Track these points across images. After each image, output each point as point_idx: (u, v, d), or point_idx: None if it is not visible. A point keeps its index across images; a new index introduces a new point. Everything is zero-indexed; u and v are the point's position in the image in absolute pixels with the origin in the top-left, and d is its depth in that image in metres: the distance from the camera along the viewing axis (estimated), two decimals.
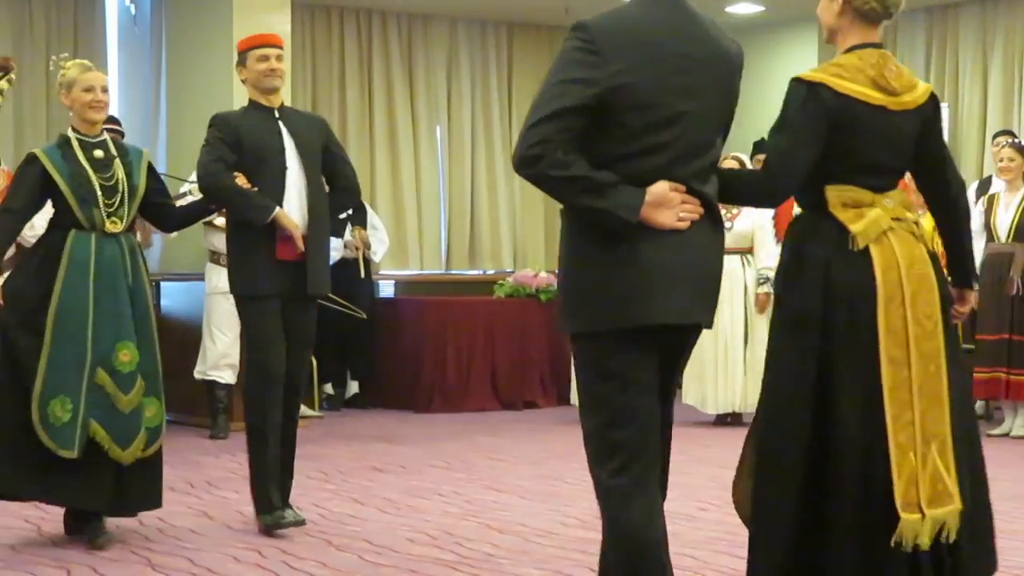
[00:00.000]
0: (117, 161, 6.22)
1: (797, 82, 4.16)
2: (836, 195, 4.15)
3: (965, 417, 4.25)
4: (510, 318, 11.49)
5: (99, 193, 6.10)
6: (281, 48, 6.62)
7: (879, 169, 4.20)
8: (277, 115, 6.56)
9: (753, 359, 9.87)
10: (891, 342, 4.07)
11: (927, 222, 4.61)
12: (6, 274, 6.58)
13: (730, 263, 10.04)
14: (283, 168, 6.45)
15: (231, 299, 9.18)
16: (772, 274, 9.88)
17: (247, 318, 6.52)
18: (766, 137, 11.53)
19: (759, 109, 14.32)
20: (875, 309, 4.07)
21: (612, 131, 3.72)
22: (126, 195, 6.19)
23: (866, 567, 4.05)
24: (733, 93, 3.96)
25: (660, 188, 3.73)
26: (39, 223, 8.56)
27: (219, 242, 9.22)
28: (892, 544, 4.00)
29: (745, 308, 10.02)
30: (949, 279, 4.34)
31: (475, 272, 13.64)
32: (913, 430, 4.06)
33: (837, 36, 4.30)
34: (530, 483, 7.73)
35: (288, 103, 10.89)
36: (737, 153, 10.34)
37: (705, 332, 4.04)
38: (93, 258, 6.07)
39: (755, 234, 10.10)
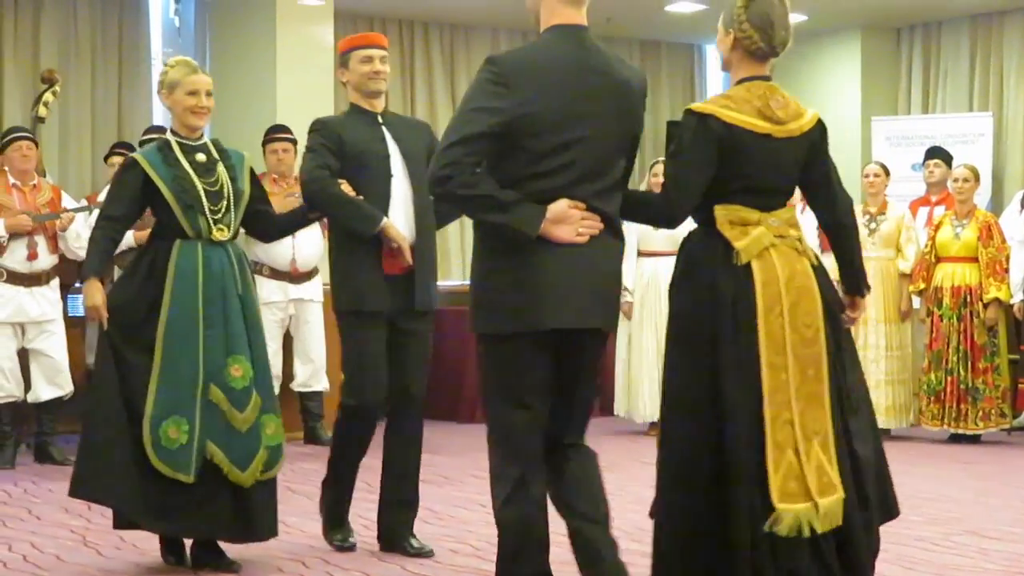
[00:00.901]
0: (220, 165, 5.86)
1: (689, 113, 4.52)
2: (724, 214, 4.51)
3: (853, 414, 4.61)
4: None
5: (204, 199, 5.73)
6: (386, 49, 6.25)
7: (764, 191, 4.56)
8: (381, 120, 6.20)
9: None
10: (770, 349, 4.43)
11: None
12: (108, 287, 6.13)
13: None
14: (388, 175, 6.07)
15: (272, 309, 9.31)
16: None
17: (348, 335, 6.09)
18: None
19: None
20: (756, 319, 4.42)
21: (517, 154, 4.20)
22: (232, 201, 5.82)
23: (770, 551, 4.35)
24: (634, 118, 4.43)
25: (559, 206, 4.21)
26: (85, 233, 8.67)
27: (262, 253, 9.26)
28: (773, 531, 4.32)
29: None
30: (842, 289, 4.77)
31: None
32: (792, 429, 4.41)
33: (730, 68, 4.68)
34: None
35: (331, 111, 11.05)
36: None
37: None
38: (201, 269, 5.70)
39: None
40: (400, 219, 6.00)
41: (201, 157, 5.83)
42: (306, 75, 10.90)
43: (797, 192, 4.76)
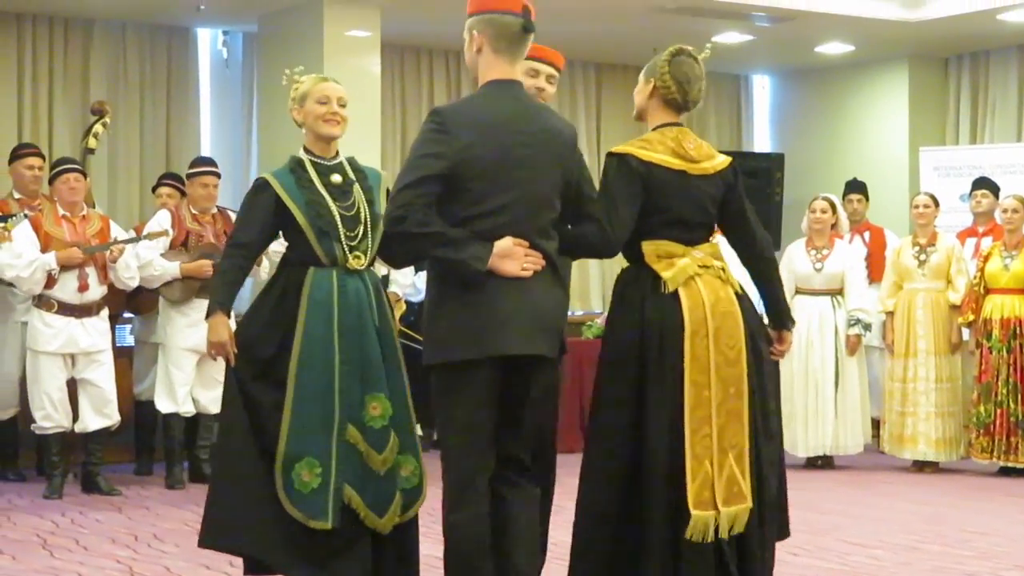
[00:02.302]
0: (357, 187, 5.45)
1: (610, 155, 4.97)
2: (651, 248, 4.93)
3: (769, 440, 4.96)
4: (595, 358, 11.42)
5: (340, 225, 5.33)
6: (557, 68, 5.62)
7: (685, 224, 4.97)
8: None
9: (844, 401, 9.80)
10: (695, 368, 4.81)
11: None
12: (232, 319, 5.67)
13: (820, 304, 10.00)
14: None
15: None
16: (864, 315, 9.84)
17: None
18: (857, 177, 11.49)
19: (851, 148, 14.28)
20: (683, 341, 4.81)
21: (461, 195, 4.53)
22: (369, 225, 5.39)
23: (676, 555, 4.75)
24: (565, 164, 4.73)
25: (505, 243, 4.53)
26: (133, 263, 8.71)
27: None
28: (688, 537, 4.72)
29: (836, 350, 9.90)
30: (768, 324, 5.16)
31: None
32: (710, 442, 4.80)
33: (646, 115, 5.14)
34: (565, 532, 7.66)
35: (378, 143, 11.08)
36: (828, 195, 10.26)
37: (796, 374, 4.68)
38: (336, 299, 5.29)
39: (845, 275, 10.02)
40: None
41: (336, 178, 5.45)
42: (353, 106, 10.84)
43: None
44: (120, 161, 11.62)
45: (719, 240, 5.18)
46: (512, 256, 4.54)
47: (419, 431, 11.32)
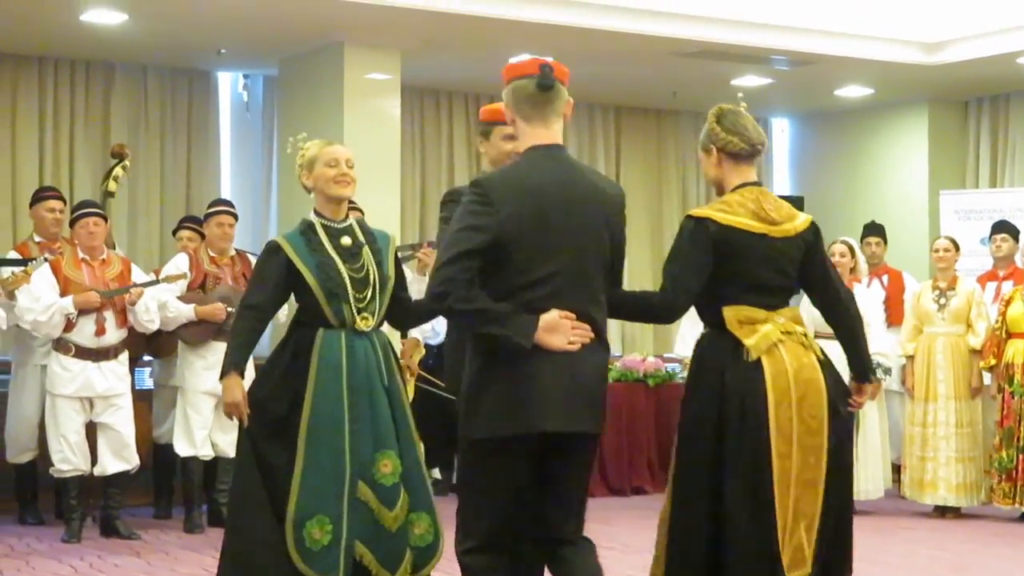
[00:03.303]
0: (366, 249, 5.56)
1: (688, 218, 4.87)
2: (732, 314, 4.82)
3: (838, 496, 4.93)
4: (618, 402, 11.40)
5: (349, 287, 5.44)
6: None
7: (766, 289, 4.88)
8: None
9: (864, 446, 9.74)
10: (779, 439, 4.74)
11: None
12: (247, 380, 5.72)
13: (839, 349, 9.93)
14: None
15: None
16: (883, 360, 9.79)
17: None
18: (876, 220, 11.44)
19: (870, 191, 14.27)
20: (766, 411, 4.72)
21: (506, 267, 4.40)
22: (377, 287, 5.51)
23: None
24: (613, 227, 4.61)
25: (551, 316, 4.39)
26: (153, 306, 8.72)
27: None
28: None
29: None
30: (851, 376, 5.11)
31: None
32: (786, 511, 4.76)
33: (722, 184, 4.98)
34: (641, 573, 7.62)
35: (397, 185, 11.10)
36: (846, 238, 10.24)
37: None
38: (345, 360, 5.40)
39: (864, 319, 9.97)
40: None
41: (347, 241, 5.55)
42: (373, 148, 10.96)
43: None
44: (140, 204, 11.67)
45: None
46: (558, 330, 4.40)
47: (437, 474, 11.35)
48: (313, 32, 10.63)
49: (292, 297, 5.62)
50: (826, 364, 4.92)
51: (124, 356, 8.69)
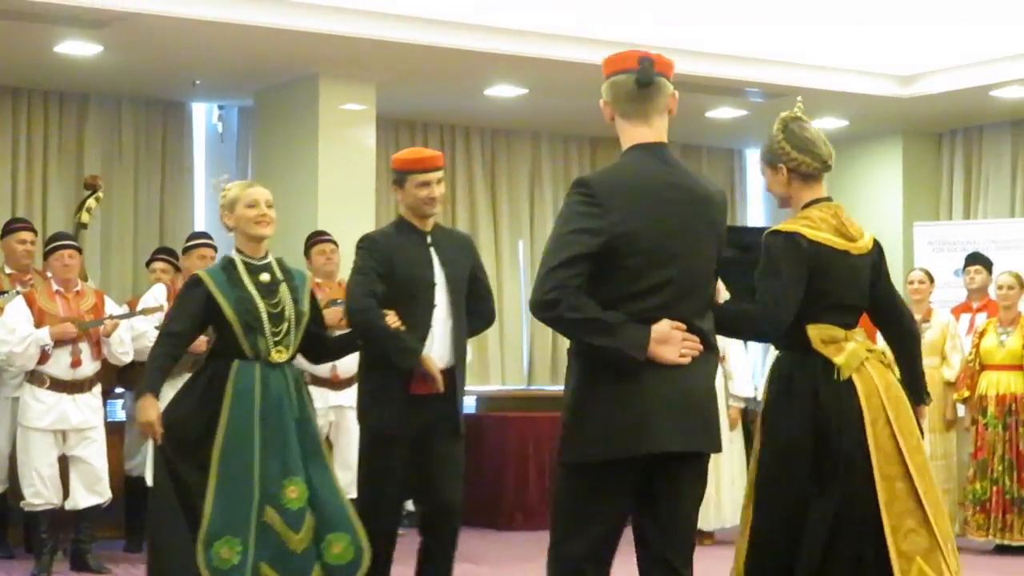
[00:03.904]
0: (284, 286, 5.90)
1: (776, 234, 4.76)
2: (816, 333, 4.75)
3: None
4: None
5: (265, 321, 5.78)
6: (441, 169, 6.21)
7: (846, 308, 4.83)
8: (430, 240, 6.16)
9: None
10: (882, 460, 4.67)
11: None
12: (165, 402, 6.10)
13: None
14: (432, 306, 6.07)
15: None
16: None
17: (369, 456, 6.13)
18: None
19: None
20: (864, 432, 4.66)
21: (616, 274, 4.09)
22: (293, 322, 5.85)
23: None
24: (718, 233, 4.34)
25: (663, 327, 4.09)
26: (127, 338, 8.67)
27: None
28: None
29: None
30: None
31: (558, 387, 13.51)
32: (917, 537, 4.63)
33: (791, 201, 4.92)
34: None
35: (372, 215, 11.06)
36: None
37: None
38: (258, 390, 5.73)
39: None
40: (437, 346, 6.04)
41: (265, 277, 5.88)
42: (348, 180, 10.96)
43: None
44: (114, 235, 11.62)
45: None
46: (670, 341, 4.10)
47: (410, 507, 11.30)
48: (288, 64, 10.63)
49: None
50: (902, 383, 4.91)
51: (98, 389, 8.65)
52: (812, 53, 11.56)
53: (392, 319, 5.91)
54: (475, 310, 6.32)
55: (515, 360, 13.53)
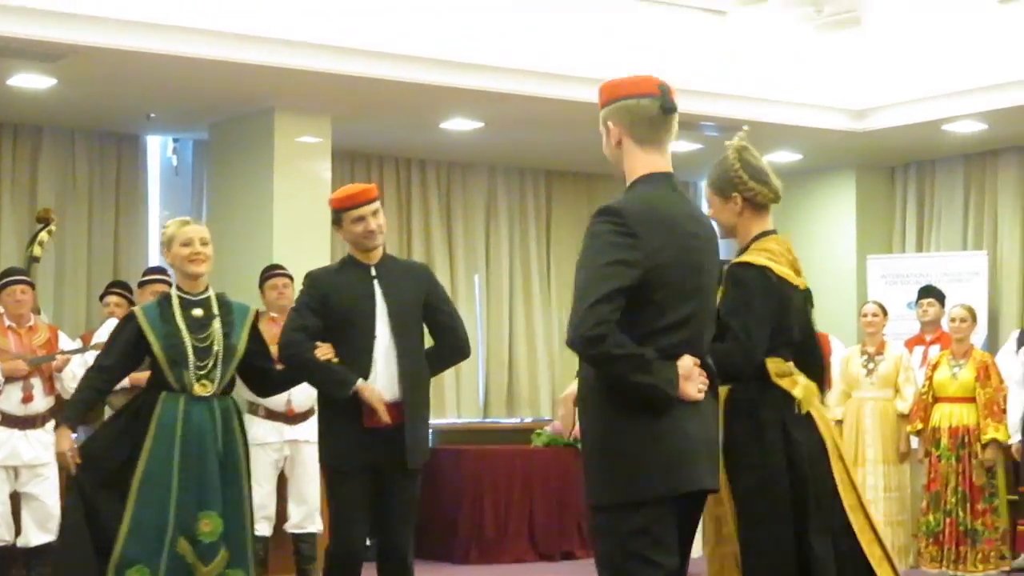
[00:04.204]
0: (217, 321, 6.05)
1: (747, 267, 4.72)
2: (773, 366, 4.74)
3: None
4: (548, 467, 11.40)
5: (190, 355, 5.93)
6: (376, 200, 6.22)
7: (791, 343, 4.84)
8: (374, 273, 6.19)
9: None
10: (846, 491, 4.76)
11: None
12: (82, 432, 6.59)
13: None
14: (372, 335, 6.07)
15: (267, 450, 9.24)
16: None
17: (331, 490, 6.18)
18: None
19: (799, 255, 14.26)
20: (829, 464, 4.74)
21: (645, 308, 3.93)
22: (221, 357, 5.98)
23: None
24: (719, 267, 4.36)
25: (687, 362, 3.97)
26: (80, 373, 8.62)
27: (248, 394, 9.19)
28: None
29: None
30: None
31: (513, 420, 13.55)
32: (886, 566, 4.85)
33: (737, 231, 4.89)
34: None
35: (328, 247, 11.05)
36: None
37: None
38: (180, 422, 5.89)
39: None
40: (382, 379, 6.06)
41: (198, 312, 6.03)
42: (303, 213, 10.93)
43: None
44: (68, 269, 11.54)
45: None
46: (692, 377, 3.99)
47: (366, 540, 11.19)
48: (243, 97, 10.61)
49: None
50: None
51: (51, 425, 8.58)
52: (766, 87, 11.63)
53: (324, 351, 5.98)
54: (442, 342, 6.34)
55: (471, 393, 13.50)
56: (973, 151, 13.08)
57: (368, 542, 11.25)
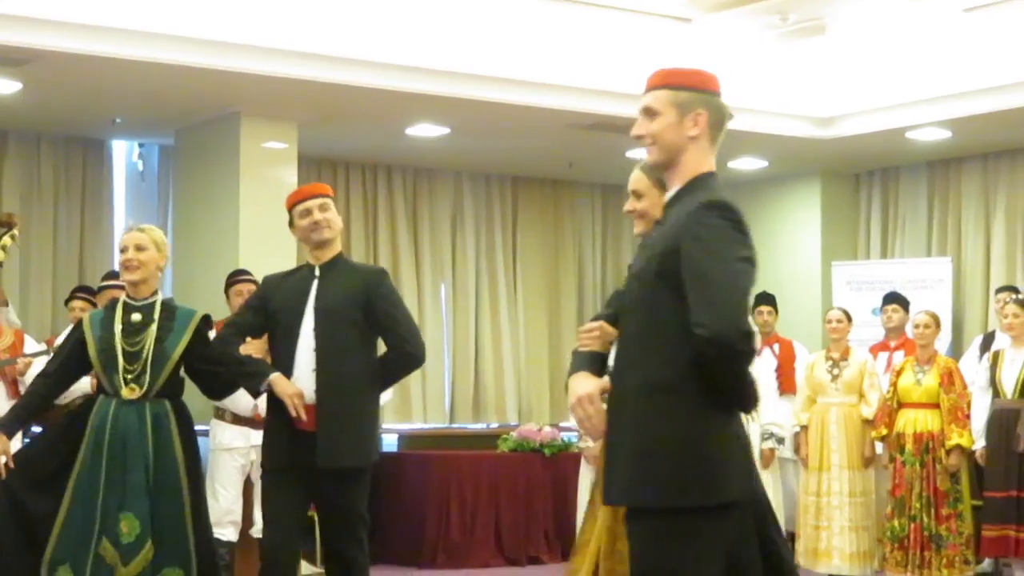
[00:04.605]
0: (154, 326, 6.05)
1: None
2: None
3: None
4: (515, 472, 11.41)
5: (120, 359, 5.98)
6: (324, 196, 6.23)
7: None
8: (318, 273, 6.12)
9: None
10: None
11: None
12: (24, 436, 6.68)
13: None
14: (296, 335, 6.01)
15: (233, 455, 9.22)
16: (777, 429, 9.84)
17: (262, 490, 6.16)
18: (767, 290, 11.44)
19: (764, 262, 14.18)
20: None
21: None
22: (149, 361, 5.99)
23: None
24: None
25: None
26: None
27: (228, 400, 9.16)
28: None
29: None
30: None
31: (479, 426, 13.56)
32: None
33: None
34: None
35: (293, 252, 11.05)
36: None
37: None
38: (109, 425, 5.93)
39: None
40: (302, 380, 5.98)
41: (137, 317, 6.08)
42: (269, 218, 10.88)
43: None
44: (33, 273, 11.51)
45: None
46: None
47: None
48: (209, 102, 10.60)
49: None
50: None
51: None
52: (732, 95, 11.61)
53: (251, 347, 6.08)
54: (389, 347, 6.20)
55: (437, 398, 13.51)
56: (937, 158, 13.16)
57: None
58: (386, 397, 11.41)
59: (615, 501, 3.95)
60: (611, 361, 4.04)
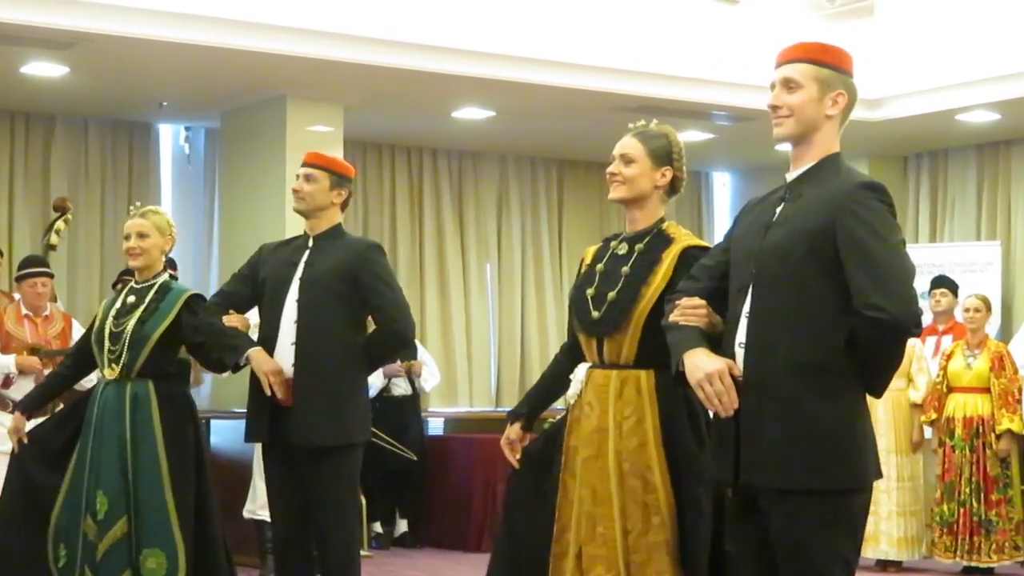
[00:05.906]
0: (141, 308, 6.04)
1: (703, 250, 4.56)
2: None
3: None
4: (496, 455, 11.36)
5: (106, 339, 6.08)
6: (313, 166, 5.88)
7: None
8: (311, 243, 5.82)
9: None
10: None
11: None
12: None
13: None
14: (281, 307, 5.72)
15: None
16: None
17: (263, 464, 5.93)
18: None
19: None
20: None
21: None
22: (127, 342, 6.00)
23: None
24: None
25: None
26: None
27: None
28: None
29: None
30: None
31: None
32: None
33: (639, 204, 4.77)
34: None
35: None
36: None
37: None
38: (96, 405, 6.06)
39: None
40: (282, 353, 5.71)
41: (131, 299, 6.13)
42: None
43: None
44: (80, 257, 11.56)
45: None
46: None
47: (378, 528, 11.22)
48: (255, 85, 10.61)
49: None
50: None
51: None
52: None
53: (233, 319, 5.80)
54: (376, 324, 5.90)
55: (483, 382, 13.51)
56: (986, 141, 13.07)
57: (378, 530, 11.23)
58: (432, 382, 11.53)
59: (763, 483, 3.77)
60: (740, 337, 3.88)
